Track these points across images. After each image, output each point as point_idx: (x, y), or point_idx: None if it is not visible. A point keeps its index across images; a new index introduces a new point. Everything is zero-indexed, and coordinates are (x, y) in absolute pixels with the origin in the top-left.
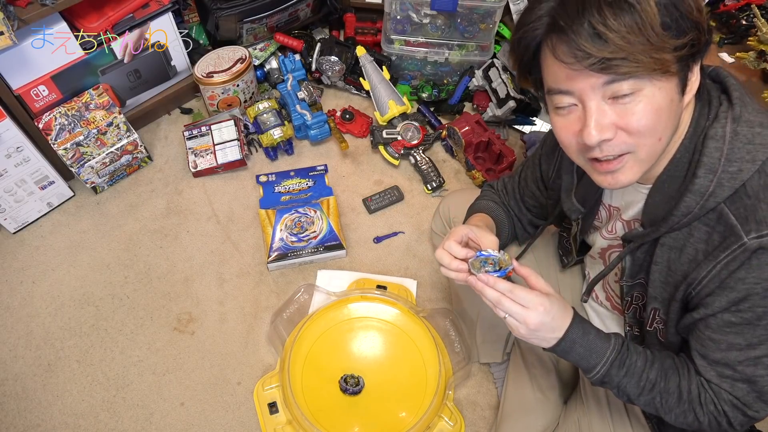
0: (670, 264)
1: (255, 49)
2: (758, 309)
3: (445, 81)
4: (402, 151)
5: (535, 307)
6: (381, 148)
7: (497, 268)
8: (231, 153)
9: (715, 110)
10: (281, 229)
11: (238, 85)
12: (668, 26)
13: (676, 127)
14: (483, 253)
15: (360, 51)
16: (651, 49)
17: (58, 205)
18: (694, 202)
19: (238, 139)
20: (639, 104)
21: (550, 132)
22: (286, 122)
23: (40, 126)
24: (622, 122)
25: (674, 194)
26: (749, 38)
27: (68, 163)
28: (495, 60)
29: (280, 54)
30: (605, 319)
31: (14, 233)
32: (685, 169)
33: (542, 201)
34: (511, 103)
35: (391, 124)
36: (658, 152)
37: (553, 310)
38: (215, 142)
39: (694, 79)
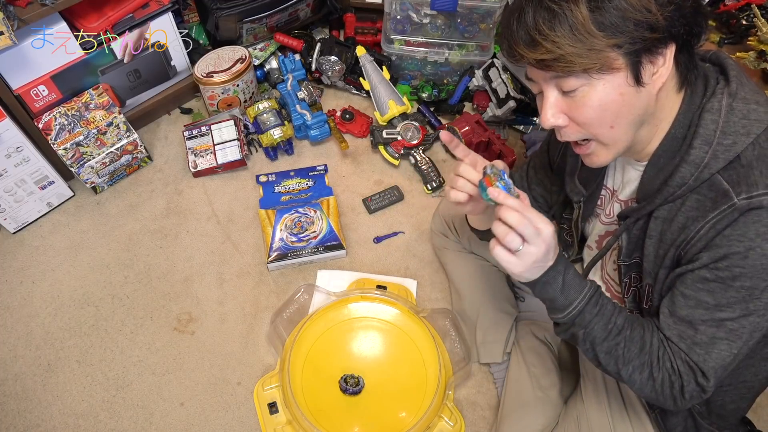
0: (661, 236)
1: (255, 49)
2: (735, 269)
3: (445, 81)
4: (402, 151)
5: (546, 227)
6: (381, 148)
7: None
8: (231, 153)
9: (712, 88)
10: (281, 229)
11: (238, 85)
12: (604, 27)
13: (640, 114)
14: (504, 174)
15: (360, 51)
16: (584, 50)
17: (58, 205)
18: (689, 173)
19: (238, 139)
20: (584, 97)
21: None
22: (286, 122)
23: (40, 126)
24: (570, 113)
25: (669, 166)
26: (749, 38)
27: (68, 163)
28: (495, 60)
29: (280, 54)
30: None
31: (14, 233)
32: (680, 142)
33: (549, 188)
34: (511, 103)
35: (391, 124)
36: (620, 137)
37: (554, 234)
38: (215, 142)
39: (663, 68)
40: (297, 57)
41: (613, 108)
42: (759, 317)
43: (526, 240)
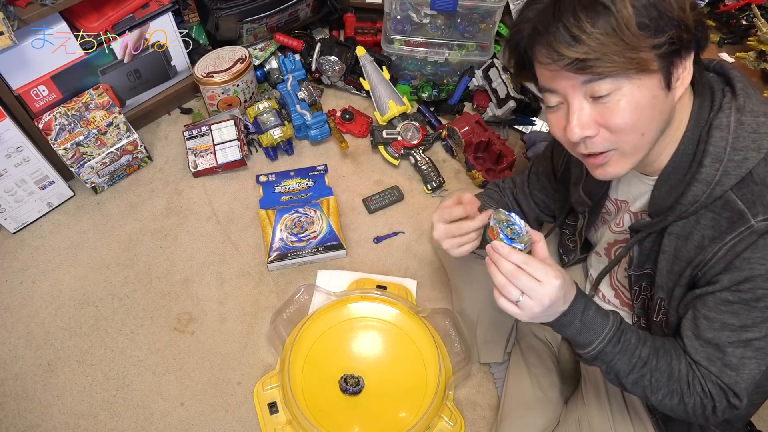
0: (676, 252)
1: (255, 49)
2: (759, 290)
3: (445, 81)
4: (402, 151)
5: (550, 281)
6: (381, 148)
7: (513, 239)
8: (231, 153)
9: (719, 101)
10: (281, 229)
11: (238, 85)
12: (645, 26)
13: (665, 121)
14: (513, 216)
15: (360, 51)
16: (626, 49)
17: (58, 205)
18: (701, 191)
19: (238, 139)
20: (618, 102)
21: None
22: (286, 122)
23: (40, 126)
24: (602, 120)
25: (680, 184)
26: (749, 38)
27: (68, 163)
28: (495, 60)
29: (280, 54)
30: None
31: (14, 233)
32: (690, 159)
33: (551, 195)
34: (511, 103)
35: (391, 124)
36: (644, 146)
37: (566, 282)
38: (215, 142)
39: (685, 74)
40: (297, 57)
41: (647, 112)
42: None
43: (525, 293)
